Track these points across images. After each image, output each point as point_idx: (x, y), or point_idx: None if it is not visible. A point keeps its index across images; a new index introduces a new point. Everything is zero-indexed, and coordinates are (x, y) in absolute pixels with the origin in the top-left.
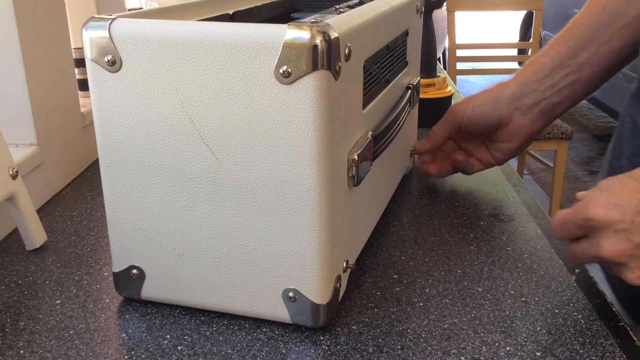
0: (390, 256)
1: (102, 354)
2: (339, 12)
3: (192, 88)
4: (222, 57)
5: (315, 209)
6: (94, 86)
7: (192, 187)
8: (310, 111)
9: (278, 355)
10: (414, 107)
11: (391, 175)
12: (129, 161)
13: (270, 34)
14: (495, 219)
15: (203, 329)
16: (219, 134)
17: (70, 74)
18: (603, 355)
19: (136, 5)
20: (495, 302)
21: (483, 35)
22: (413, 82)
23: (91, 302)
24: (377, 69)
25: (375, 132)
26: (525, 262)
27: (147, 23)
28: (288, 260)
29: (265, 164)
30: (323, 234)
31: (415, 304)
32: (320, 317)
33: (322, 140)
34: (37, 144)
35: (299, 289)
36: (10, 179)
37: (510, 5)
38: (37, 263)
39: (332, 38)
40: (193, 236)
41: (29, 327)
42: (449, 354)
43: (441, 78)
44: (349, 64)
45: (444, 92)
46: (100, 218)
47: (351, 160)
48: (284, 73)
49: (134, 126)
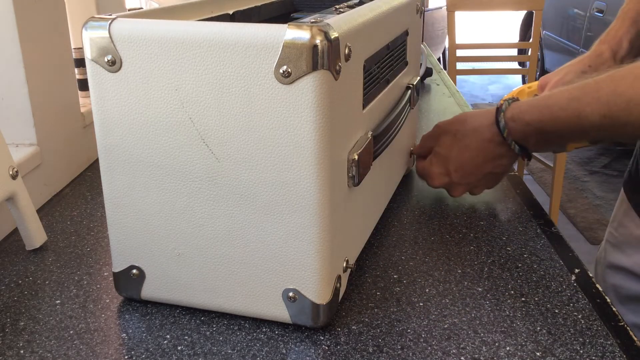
0: (390, 256)
1: (102, 354)
2: (339, 12)
3: (192, 88)
4: (222, 57)
5: (315, 209)
6: (94, 86)
7: (192, 187)
8: (310, 111)
9: (278, 355)
10: (414, 107)
11: (391, 175)
12: (129, 161)
13: (270, 34)
14: (495, 219)
15: (203, 329)
16: (219, 134)
17: (70, 74)
18: (603, 355)
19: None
20: (495, 302)
21: (483, 35)
22: (413, 82)
23: (91, 302)
24: (377, 69)
25: (375, 132)
26: (525, 262)
27: (147, 23)
28: (288, 260)
29: (265, 164)
30: (323, 234)
31: (415, 304)
32: (320, 317)
33: (322, 140)
34: (37, 144)
35: (299, 289)
36: (10, 179)
37: (510, 5)
38: (37, 263)
39: (332, 38)
40: (193, 236)
41: (29, 327)
42: (449, 354)
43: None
44: (349, 64)
45: None
46: (100, 218)
47: (351, 160)
48: (284, 73)
49: (134, 126)
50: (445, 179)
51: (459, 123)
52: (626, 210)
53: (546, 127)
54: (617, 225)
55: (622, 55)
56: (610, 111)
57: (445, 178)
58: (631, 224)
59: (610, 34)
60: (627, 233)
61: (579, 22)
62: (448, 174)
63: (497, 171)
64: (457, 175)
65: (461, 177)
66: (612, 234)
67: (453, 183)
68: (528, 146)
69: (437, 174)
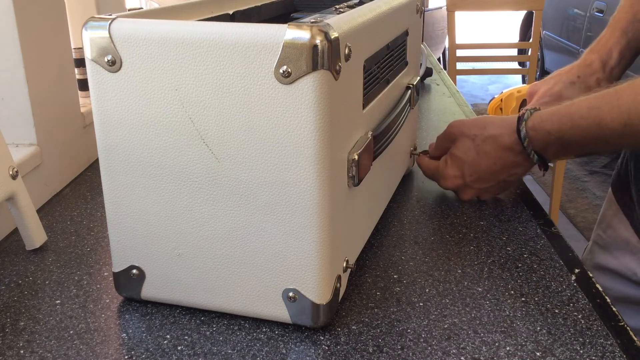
0: (390, 256)
1: (102, 354)
2: (338, 12)
3: (192, 88)
4: (222, 57)
5: (316, 208)
6: (94, 86)
7: (192, 187)
8: (310, 111)
9: (278, 355)
10: (414, 107)
11: (391, 175)
12: (129, 161)
13: (270, 34)
14: (496, 219)
15: (203, 329)
16: (219, 134)
17: (70, 74)
18: (603, 355)
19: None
20: (495, 302)
21: (483, 35)
22: (413, 82)
23: (91, 302)
24: (377, 69)
25: (375, 132)
26: (525, 262)
27: (147, 23)
28: (288, 260)
29: (265, 164)
30: (323, 234)
31: (415, 304)
32: (320, 317)
33: (322, 140)
34: (37, 144)
35: (299, 289)
36: (10, 179)
37: (510, 5)
38: (37, 263)
39: (332, 38)
40: (193, 236)
41: (29, 327)
42: (449, 354)
43: None
44: (349, 64)
45: None
46: (100, 218)
47: (351, 160)
48: (284, 73)
49: (134, 126)
50: (458, 181)
51: (478, 128)
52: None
53: (566, 135)
54: (605, 227)
55: (611, 66)
56: (631, 119)
57: (459, 181)
58: (620, 226)
59: (600, 44)
60: (615, 235)
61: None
62: (462, 177)
63: (511, 179)
64: (472, 179)
65: (475, 181)
66: (600, 236)
67: (466, 186)
68: (547, 155)
69: (451, 176)
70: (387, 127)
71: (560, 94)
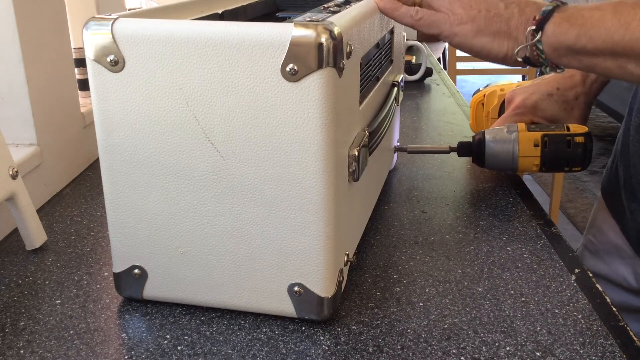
0: (390, 256)
1: (102, 354)
2: (328, 11)
3: (197, 87)
4: (228, 56)
5: (321, 204)
6: (96, 86)
7: (196, 185)
8: (317, 108)
9: (278, 355)
10: (398, 104)
11: (380, 171)
12: (131, 161)
13: (277, 32)
14: (496, 219)
15: (203, 329)
16: (225, 132)
17: (70, 74)
18: (603, 355)
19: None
20: (495, 302)
21: None
22: (397, 80)
23: (91, 302)
24: (369, 67)
25: (370, 128)
26: (525, 262)
27: (150, 22)
28: (294, 256)
29: (271, 161)
30: (328, 228)
31: (415, 304)
32: (324, 310)
33: (328, 137)
34: (37, 144)
35: (305, 283)
36: (10, 179)
37: None
38: (37, 263)
39: (336, 36)
40: (198, 234)
41: (29, 327)
42: (449, 354)
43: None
44: (349, 62)
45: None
46: (100, 218)
47: (352, 156)
48: (291, 71)
49: (137, 126)
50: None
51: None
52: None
53: (584, 13)
54: (596, 232)
55: (592, 80)
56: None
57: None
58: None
59: None
60: (605, 240)
61: None
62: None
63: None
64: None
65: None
66: (591, 241)
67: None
68: (549, 24)
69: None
70: (380, 123)
71: (536, 105)
